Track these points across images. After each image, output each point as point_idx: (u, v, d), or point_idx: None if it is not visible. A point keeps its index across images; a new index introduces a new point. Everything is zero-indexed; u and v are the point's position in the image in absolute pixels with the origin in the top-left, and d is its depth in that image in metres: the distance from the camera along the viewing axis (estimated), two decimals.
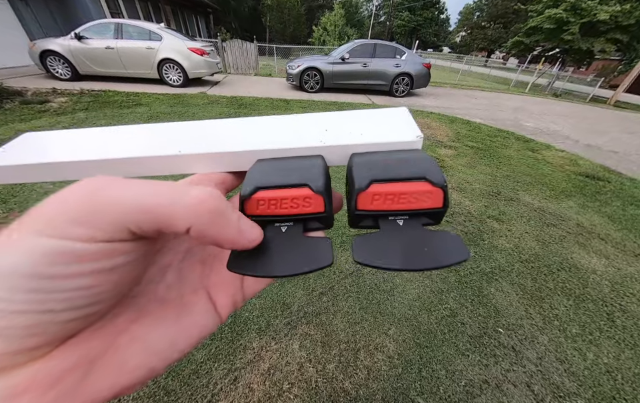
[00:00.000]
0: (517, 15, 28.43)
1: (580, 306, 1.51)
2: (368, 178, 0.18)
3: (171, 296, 0.16)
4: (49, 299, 0.10)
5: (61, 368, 0.11)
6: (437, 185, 0.17)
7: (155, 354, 0.14)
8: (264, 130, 0.24)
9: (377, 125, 0.23)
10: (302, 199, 0.18)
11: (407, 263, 0.16)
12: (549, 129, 5.73)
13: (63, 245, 0.10)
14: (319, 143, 0.21)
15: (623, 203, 2.73)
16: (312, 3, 42.34)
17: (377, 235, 0.17)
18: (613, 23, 14.38)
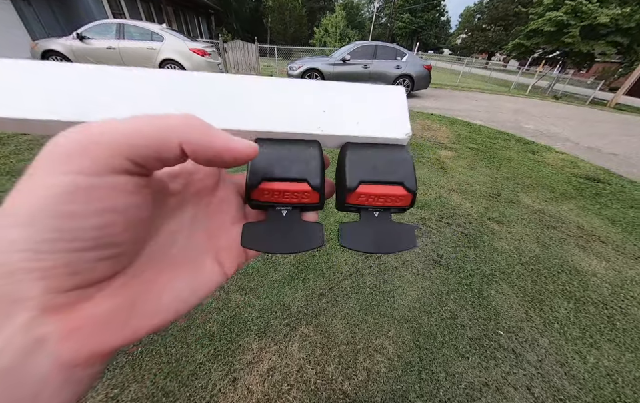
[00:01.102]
0: (518, 18, 28.51)
1: (580, 309, 1.51)
2: (357, 179, 0.21)
3: (185, 256, 0.18)
4: (73, 238, 0.11)
5: (110, 308, 0.13)
6: (410, 191, 0.21)
7: (180, 299, 0.16)
8: (261, 99, 0.23)
9: (372, 111, 0.24)
10: (301, 193, 0.20)
11: (376, 248, 0.21)
12: (549, 132, 5.73)
13: (76, 180, 0.11)
14: (317, 131, 0.22)
15: (624, 205, 2.73)
16: (313, 5, 42.51)
17: (357, 225, 0.22)
18: (614, 26, 14.39)
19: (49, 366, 0.11)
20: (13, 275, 0.11)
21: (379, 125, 0.23)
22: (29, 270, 0.11)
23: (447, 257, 1.78)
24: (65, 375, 0.12)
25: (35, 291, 0.11)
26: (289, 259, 1.64)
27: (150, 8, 12.05)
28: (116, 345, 0.13)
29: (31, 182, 0.11)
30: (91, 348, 0.12)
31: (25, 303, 0.11)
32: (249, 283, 1.45)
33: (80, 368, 0.12)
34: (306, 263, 1.62)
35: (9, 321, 0.11)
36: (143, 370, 1.05)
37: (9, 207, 0.11)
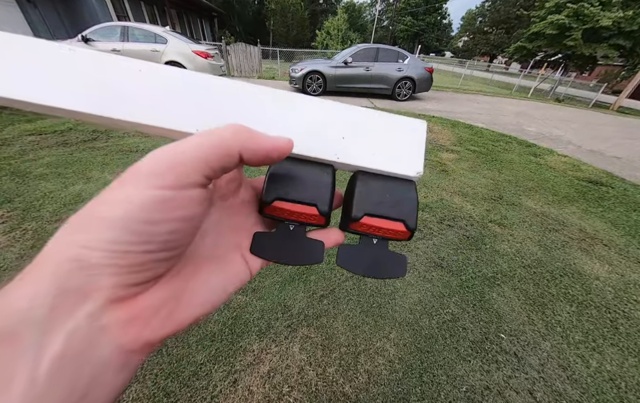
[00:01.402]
0: (520, 21, 28.53)
1: (583, 313, 1.50)
2: (362, 211, 0.23)
3: (215, 255, 0.20)
4: (150, 241, 0.13)
5: (161, 300, 0.15)
6: (409, 229, 0.23)
7: (214, 294, 0.18)
8: (285, 116, 0.23)
9: (389, 144, 0.24)
10: (309, 215, 0.22)
11: (368, 272, 0.23)
12: (552, 134, 5.72)
13: (160, 194, 0.13)
14: (333, 157, 0.24)
15: (626, 209, 2.71)
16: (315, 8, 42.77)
17: (356, 248, 0.24)
18: (616, 29, 14.36)
19: (110, 352, 0.13)
20: (89, 269, 0.12)
21: (393, 159, 0.24)
22: (104, 266, 0.12)
23: (449, 259, 1.78)
24: (123, 360, 0.13)
25: (105, 284, 0.13)
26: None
27: (154, 10, 12.18)
28: (165, 334, 0.15)
29: (120, 191, 0.13)
30: (146, 336, 0.14)
31: (94, 294, 0.12)
32: (250, 284, 1.45)
33: (135, 354, 0.14)
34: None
35: (79, 310, 0.12)
36: (144, 370, 1.05)
37: (94, 208, 0.13)
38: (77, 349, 0.12)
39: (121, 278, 0.13)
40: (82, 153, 2.70)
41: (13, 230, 1.63)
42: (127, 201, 0.13)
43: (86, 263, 0.12)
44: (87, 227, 0.13)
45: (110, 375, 0.13)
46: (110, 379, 0.13)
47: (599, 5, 14.47)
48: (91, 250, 0.12)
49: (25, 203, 1.87)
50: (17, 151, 2.58)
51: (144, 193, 0.13)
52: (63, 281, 0.12)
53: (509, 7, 40.96)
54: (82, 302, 0.12)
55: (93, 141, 3.01)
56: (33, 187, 2.05)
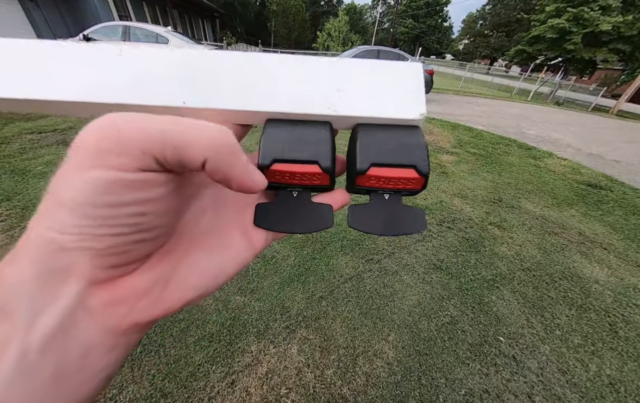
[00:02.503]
0: (520, 24, 28.65)
1: (582, 316, 1.49)
2: (368, 161, 0.21)
3: (213, 233, 0.19)
4: (115, 224, 0.12)
5: (148, 282, 0.15)
6: (422, 174, 0.21)
7: (208, 276, 0.17)
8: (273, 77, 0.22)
9: (386, 90, 0.23)
10: (312, 175, 0.21)
11: (385, 231, 0.21)
12: (551, 138, 5.73)
13: (109, 175, 0.12)
14: (328, 111, 0.22)
15: (626, 212, 2.71)
16: (317, 9, 42.93)
17: (367, 207, 0.22)
18: (616, 34, 14.45)
19: (95, 332, 0.13)
20: (66, 252, 0.12)
21: (392, 105, 0.22)
22: (79, 249, 0.12)
23: (448, 261, 1.77)
24: (111, 341, 0.13)
25: (85, 267, 0.12)
26: (290, 261, 1.64)
27: (156, 10, 12.22)
28: (153, 317, 0.15)
29: (70, 174, 0.12)
30: (132, 318, 0.14)
31: (76, 276, 0.12)
32: (249, 285, 1.45)
33: (123, 336, 0.14)
34: (306, 265, 1.62)
35: (63, 290, 0.12)
36: (141, 371, 1.04)
37: (55, 194, 0.12)
38: (64, 328, 0.12)
39: (99, 260, 0.13)
40: None
41: (12, 229, 1.63)
42: (75, 184, 0.12)
43: (62, 246, 0.12)
44: (51, 212, 0.12)
45: (98, 355, 0.13)
46: (99, 358, 0.13)
47: (598, 9, 14.57)
48: (61, 234, 0.12)
49: (24, 201, 1.87)
50: (16, 149, 2.58)
51: (96, 174, 0.12)
52: (46, 262, 0.12)
53: (510, 11, 41.18)
54: (66, 283, 0.12)
55: None
56: (32, 185, 2.05)
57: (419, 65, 0.23)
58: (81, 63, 0.20)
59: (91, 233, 0.12)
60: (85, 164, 0.12)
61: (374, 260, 1.72)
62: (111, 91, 0.19)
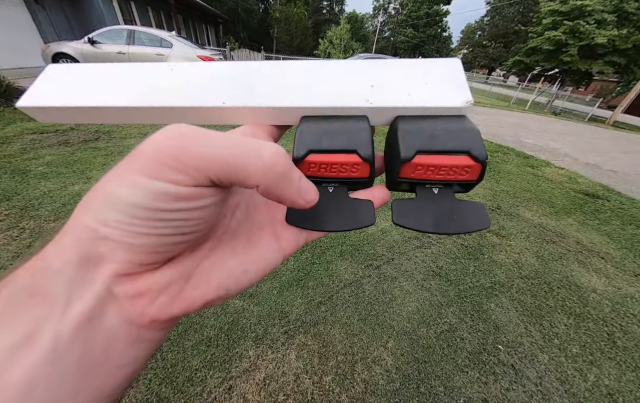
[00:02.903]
0: (518, 36, 29.24)
1: (580, 325, 1.49)
2: (414, 149, 0.18)
3: (241, 231, 0.18)
4: (160, 226, 0.13)
5: (169, 278, 0.15)
6: (478, 160, 0.18)
7: (231, 277, 0.17)
8: (308, 79, 0.22)
9: (425, 82, 0.21)
10: (351, 165, 0.19)
11: (437, 228, 0.18)
12: (549, 147, 5.79)
13: (164, 187, 0.13)
14: (365, 104, 0.21)
15: (623, 222, 2.73)
16: (319, 17, 43.68)
17: (413, 201, 0.19)
18: (611, 47, 14.77)
19: (118, 323, 0.13)
20: (104, 241, 0.12)
21: (433, 94, 0.21)
22: (117, 241, 0.13)
23: (447, 268, 1.78)
24: (133, 334, 0.14)
25: (118, 257, 0.13)
26: (289, 265, 1.64)
27: (160, 16, 12.41)
28: (173, 313, 0.15)
29: (127, 176, 0.13)
30: (152, 313, 0.14)
31: (108, 264, 0.13)
32: (248, 289, 1.45)
33: (145, 330, 0.14)
34: (305, 270, 1.62)
35: (96, 277, 0.12)
36: (138, 375, 1.03)
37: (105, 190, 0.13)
38: (94, 314, 0.12)
39: (132, 255, 0.13)
40: (83, 152, 2.71)
41: (11, 229, 1.63)
42: (128, 186, 0.12)
43: (101, 235, 0.12)
44: (97, 204, 0.13)
45: (121, 347, 0.13)
46: (121, 351, 0.13)
47: (594, 23, 14.91)
48: (102, 224, 0.12)
49: (24, 201, 1.87)
50: (17, 149, 2.58)
51: (148, 183, 0.12)
52: (84, 247, 0.12)
53: (507, 22, 42.06)
54: (99, 270, 0.13)
55: (94, 141, 3.02)
56: (33, 185, 2.05)
57: (457, 60, 0.22)
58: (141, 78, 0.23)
59: (133, 231, 0.13)
60: (145, 171, 0.12)
61: (373, 266, 1.72)
62: (166, 96, 0.22)
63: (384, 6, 55.13)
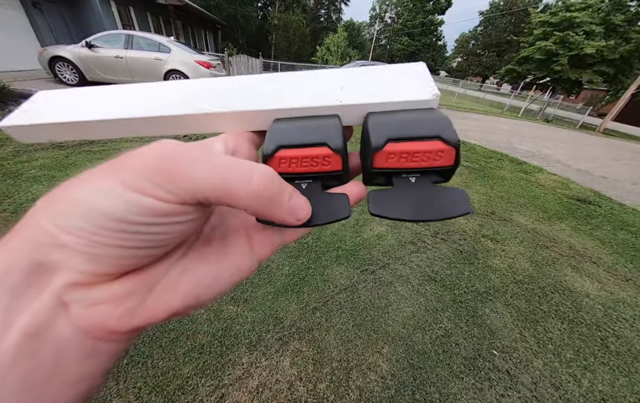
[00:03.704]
0: (510, 45, 30.07)
1: (574, 330, 1.50)
2: (384, 137, 0.18)
3: (214, 235, 0.18)
4: (131, 239, 0.12)
5: (130, 287, 0.13)
6: (450, 143, 0.18)
7: (202, 285, 0.16)
8: (281, 87, 0.23)
9: (393, 83, 0.22)
10: (322, 157, 0.19)
11: (416, 215, 0.17)
12: (541, 153, 5.91)
13: (146, 201, 0.12)
14: (335, 102, 0.21)
15: (614, 227, 2.78)
16: (316, 25, 44.41)
17: (390, 191, 0.19)
18: (599, 57, 15.27)
19: (71, 334, 0.12)
20: (61, 248, 0.12)
21: (402, 91, 0.21)
22: (75, 250, 0.12)
23: (442, 273, 1.78)
24: (86, 345, 0.12)
25: (74, 266, 0.12)
26: (284, 270, 1.63)
27: (159, 21, 12.49)
28: (134, 325, 0.14)
29: (103, 181, 0.12)
30: (111, 325, 0.13)
31: (61, 272, 0.12)
32: (242, 294, 1.43)
33: (102, 342, 0.13)
34: (301, 275, 1.61)
35: (46, 285, 0.12)
36: (127, 383, 1.01)
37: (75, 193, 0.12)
38: (41, 326, 0.11)
39: (94, 266, 0.12)
40: (77, 156, 2.68)
41: (0, 233, 1.59)
42: (107, 196, 0.12)
43: (60, 242, 0.12)
44: (61, 207, 0.12)
45: (73, 361, 0.12)
46: (74, 365, 0.12)
47: (583, 34, 15.41)
48: (64, 232, 0.12)
49: (15, 205, 1.84)
50: (10, 152, 2.55)
51: (132, 196, 0.12)
52: (37, 253, 0.11)
53: (500, 32, 43.25)
54: (50, 278, 0.12)
55: (89, 144, 3.00)
56: (25, 189, 2.02)
57: (422, 63, 0.23)
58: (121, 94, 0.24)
59: (100, 241, 0.12)
60: (129, 184, 0.12)
61: (369, 271, 1.72)
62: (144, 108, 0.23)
63: (380, 15, 56.36)
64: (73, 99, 0.24)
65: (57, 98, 0.24)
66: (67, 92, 0.24)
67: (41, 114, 0.22)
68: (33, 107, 0.23)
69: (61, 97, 0.24)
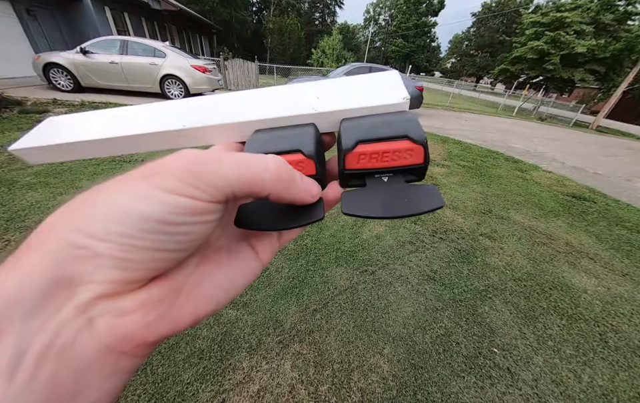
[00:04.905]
0: (503, 45, 30.52)
1: (573, 326, 1.51)
2: (354, 139, 0.19)
3: (221, 244, 0.19)
4: (166, 241, 0.13)
5: (158, 296, 0.14)
6: (418, 142, 0.18)
7: (220, 289, 0.17)
8: (263, 101, 0.25)
9: (366, 90, 0.24)
10: (295, 163, 0.20)
11: (387, 212, 0.18)
12: (536, 151, 5.98)
13: (181, 201, 0.13)
14: (311, 111, 0.23)
15: (609, 223, 2.82)
16: (311, 28, 44.73)
17: (363, 190, 0.20)
18: (590, 56, 15.54)
19: (96, 351, 0.11)
20: (88, 259, 0.11)
21: (374, 97, 0.23)
22: (107, 257, 0.11)
23: (441, 272, 1.79)
24: (111, 362, 0.12)
25: (102, 277, 0.12)
26: (283, 273, 1.62)
27: (154, 26, 12.49)
28: (161, 335, 0.14)
29: (141, 185, 0.13)
30: (138, 336, 0.13)
31: (87, 286, 0.11)
32: (242, 298, 1.42)
33: (126, 357, 0.13)
34: (300, 277, 1.61)
35: (69, 302, 0.11)
36: (126, 391, 0.99)
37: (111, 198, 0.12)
38: (62, 346, 0.10)
39: (122, 273, 0.12)
40: (73, 162, 2.65)
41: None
42: (144, 199, 0.12)
43: (86, 252, 0.11)
44: (94, 213, 0.12)
45: (96, 379, 0.11)
46: (97, 383, 0.11)
47: (574, 33, 15.68)
48: (94, 239, 0.11)
49: (10, 212, 1.81)
50: (4, 159, 2.52)
51: (164, 197, 0.12)
52: (58, 268, 0.11)
53: (493, 33, 43.89)
54: (73, 294, 0.11)
55: None
56: (19, 196, 1.99)
57: (395, 71, 0.25)
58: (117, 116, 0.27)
59: (134, 244, 0.12)
60: (164, 186, 0.12)
61: (368, 271, 1.72)
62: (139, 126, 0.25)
63: (374, 17, 56.94)
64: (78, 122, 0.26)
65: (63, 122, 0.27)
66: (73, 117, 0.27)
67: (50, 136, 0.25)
68: (42, 131, 0.25)
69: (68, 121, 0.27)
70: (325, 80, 0.26)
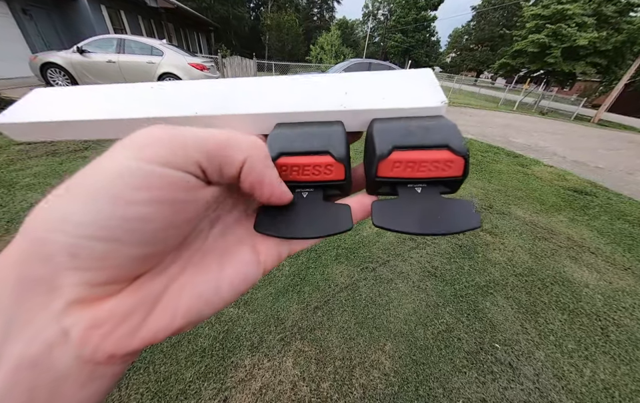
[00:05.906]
0: (503, 39, 30.24)
1: (574, 321, 1.51)
2: (390, 145, 0.18)
3: (217, 245, 0.17)
4: (118, 227, 0.11)
5: (130, 306, 0.13)
6: (459, 153, 0.17)
7: (202, 299, 0.15)
8: (283, 91, 0.23)
9: (399, 89, 0.22)
10: (324, 166, 0.18)
11: (423, 228, 0.17)
12: (537, 146, 5.95)
13: (159, 170, 0.12)
14: (339, 107, 0.20)
15: (611, 217, 2.81)
16: (310, 24, 44.33)
17: (395, 202, 0.18)
18: (592, 48, 15.38)
19: (71, 360, 0.11)
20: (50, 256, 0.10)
21: (408, 97, 0.21)
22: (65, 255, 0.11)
23: (442, 268, 1.79)
24: (87, 372, 0.12)
25: (68, 280, 0.11)
26: (284, 271, 1.62)
27: (151, 24, 12.38)
28: (131, 348, 0.13)
29: (116, 158, 0.12)
30: (111, 347, 0.12)
31: (61, 290, 0.11)
32: (243, 297, 1.42)
33: (102, 366, 0.12)
34: (301, 275, 1.61)
35: (45, 308, 0.10)
36: (129, 390, 1.00)
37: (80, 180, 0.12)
38: (36, 355, 0.10)
39: (84, 274, 0.11)
40: (72, 162, 2.65)
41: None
42: (122, 170, 0.11)
43: (46, 248, 0.10)
44: (64, 200, 0.11)
45: (73, 387, 0.11)
46: (73, 391, 0.11)
47: (575, 26, 15.50)
48: (53, 232, 0.10)
49: (10, 214, 1.81)
50: (3, 160, 2.51)
51: (142, 165, 0.11)
52: (24, 269, 0.10)
53: (493, 27, 43.45)
54: (48, 299, 0.10)
55: (83, 150, 2.97)
56: (19, 197, 1.99)
57: (429, 70, 0.23)
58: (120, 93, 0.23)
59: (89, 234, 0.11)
60: (141, 155, 0.12)
61: (369, 268, 1.72)
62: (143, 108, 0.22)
63: (373, 12, 56.35)
64: (70, 97, 0.23)
65: (53, 95, 0.23)
66: (64, 90, 0.23)
67: (37, 112, 0.21)
68: (29, 105, 0.22)
69: (58, 95, 0.23)
70: (353, 73, 0.23)
